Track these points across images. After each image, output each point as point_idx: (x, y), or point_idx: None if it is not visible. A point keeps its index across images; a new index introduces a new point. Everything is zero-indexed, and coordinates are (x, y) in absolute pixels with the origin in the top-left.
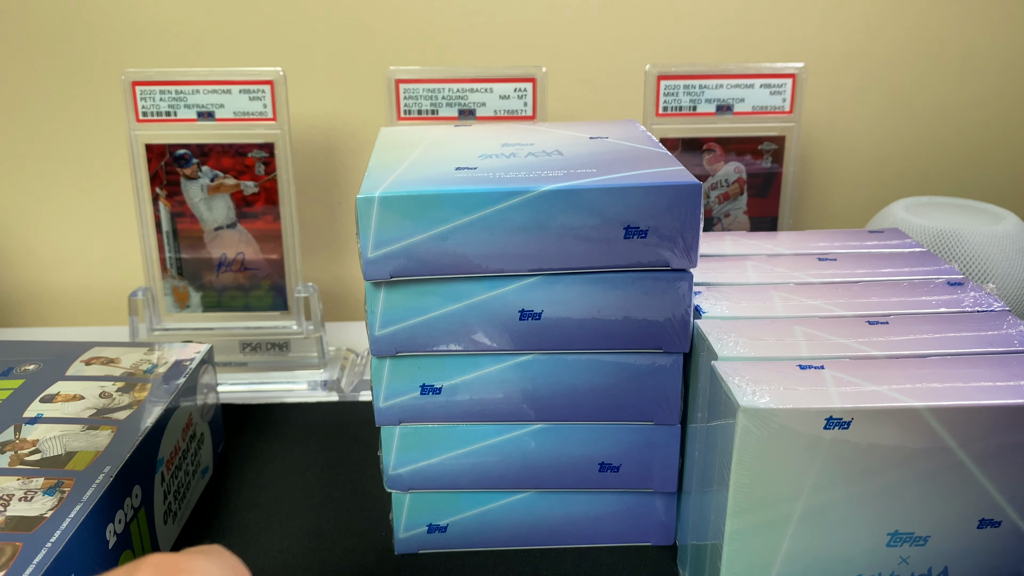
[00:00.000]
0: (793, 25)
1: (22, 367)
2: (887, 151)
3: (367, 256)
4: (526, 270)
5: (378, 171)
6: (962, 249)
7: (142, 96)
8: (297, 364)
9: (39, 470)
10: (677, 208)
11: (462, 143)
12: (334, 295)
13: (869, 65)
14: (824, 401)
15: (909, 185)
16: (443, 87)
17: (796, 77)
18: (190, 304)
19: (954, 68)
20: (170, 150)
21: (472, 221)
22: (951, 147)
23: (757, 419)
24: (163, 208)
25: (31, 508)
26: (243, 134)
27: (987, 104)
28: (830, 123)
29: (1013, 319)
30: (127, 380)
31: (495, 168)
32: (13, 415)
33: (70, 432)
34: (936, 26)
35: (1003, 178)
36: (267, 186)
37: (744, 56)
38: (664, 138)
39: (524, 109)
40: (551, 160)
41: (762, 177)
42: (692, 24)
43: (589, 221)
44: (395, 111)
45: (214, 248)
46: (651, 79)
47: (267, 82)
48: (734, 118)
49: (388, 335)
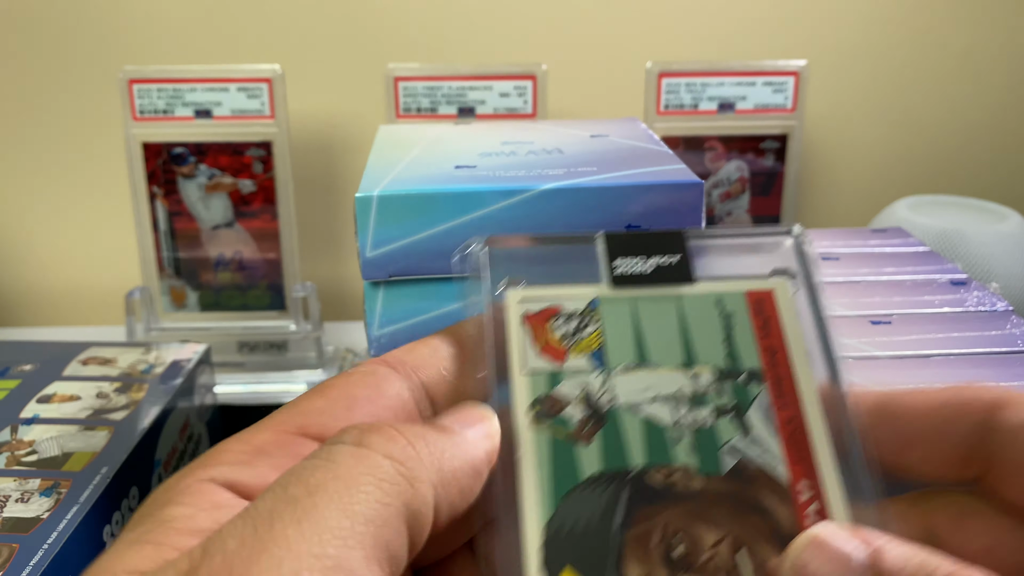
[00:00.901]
0: (795, 22)
1: (18, 367)
2: (890, 149)
3: (365, 255)
4: None
5: (376, 169)
6: (966, 248)
7: (139, 94)
8: (295, 364)
9: (36, 471)
10: (679, 207)
11: (462, 141)
12: (332, 295)
13: (872, 63)
14: None
15: (912, 184)
16: (442, 85)
17: (799, 75)
18: (187, 304)
19: (958, 65)
20: (167, 148)
21: (472, 220)
22: (955, 146)
23: None
24: (160, 207)
25: (28, 509)
26: (241, 132)
27: (991, 102)
28: (833, 121)
29: (1017, 319)
30: (124, 380)
31: (495, 166)
32: (9, 416)
33: (67, 433)
34: (940, 23)
35: (1007, 177)
36: (265, 185)
37: (746, 54)
38: (665, 136)
39: (524, 107)
40: (551, 158)
41: (764, 176)
42: (694, 21)
43: (590, 220)
44: (394, 109)
45: (211, 247)
46: (652, 77)
47: (265, 80)
48: (736, 116)
49: (387, 335)
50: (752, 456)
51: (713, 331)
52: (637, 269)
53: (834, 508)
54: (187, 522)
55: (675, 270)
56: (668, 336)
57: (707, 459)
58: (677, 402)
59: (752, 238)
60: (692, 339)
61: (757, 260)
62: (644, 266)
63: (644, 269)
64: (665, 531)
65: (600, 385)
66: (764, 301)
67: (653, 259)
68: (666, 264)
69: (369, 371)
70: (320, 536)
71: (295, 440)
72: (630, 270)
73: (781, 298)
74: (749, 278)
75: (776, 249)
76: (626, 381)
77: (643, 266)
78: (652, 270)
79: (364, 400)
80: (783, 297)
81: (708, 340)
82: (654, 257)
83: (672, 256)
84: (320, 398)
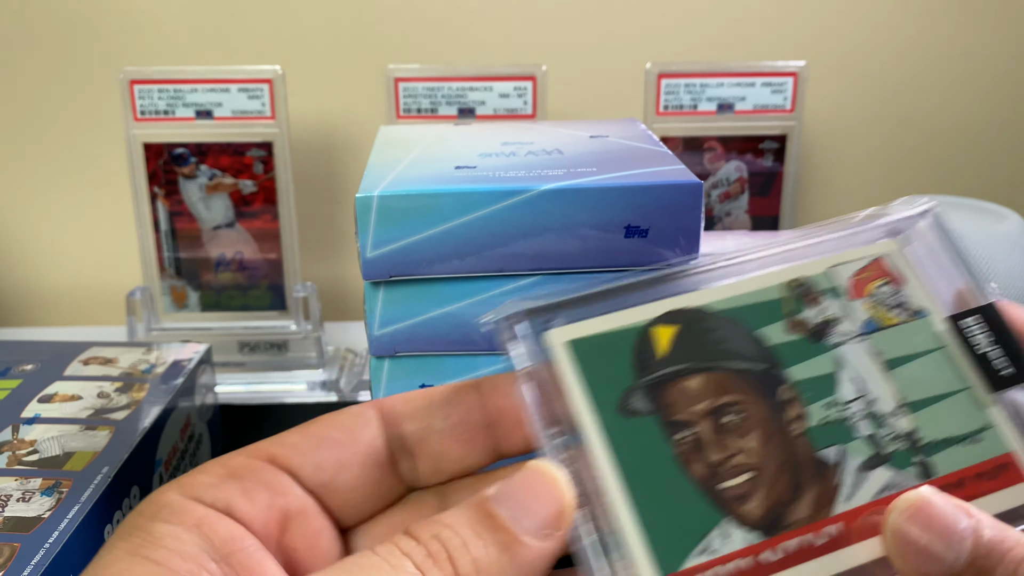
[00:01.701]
0: (795, 23)
1: (19, 367)
2: (889, 150)
3: (366, 255)
4: (526, 270)
5: (377, 170)
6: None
7: (140, 95)
8: (296, 364)
9: (37, 471)
10: (678, 207)
11: (462, 142)
12: (333, 295)
13: (871, 63)
14: None
15: (911, 184)
16: (442, 85)
17: (798, 75)
18: (188, 304)
19: (957, 66)
20: (168, 149)
21: (472, 220)
22: (955, 146)
23: None
24: (161, 207)
25: (29, 509)
26: (241, 133)
27: (990, 102)
28: (832, 122)
29: None
30: (125, 380)
31: (495, 167)
32: (11, 415)
33: (68, 432)
34: (939, 24)
35: (1005, 177)
36: (265, 185)
37: (745, 54)
38: (665, 137)
39: (524, 108)
40: (551, 159)
41: (763, 176)
42: (693, 22)
43: (589, 220)
44: (394, 109)
45: (212, 247)
46: (651, 77)
47: (266, 80)
48: (735, 117)
49: (387, 335)
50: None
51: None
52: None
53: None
54: (177, 543)
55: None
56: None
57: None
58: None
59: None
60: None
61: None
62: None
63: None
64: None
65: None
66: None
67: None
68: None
69: (356, 413)
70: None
71: (264, 467)
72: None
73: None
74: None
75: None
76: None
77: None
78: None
79: (334, 443)
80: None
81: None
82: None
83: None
84: (298, 434)
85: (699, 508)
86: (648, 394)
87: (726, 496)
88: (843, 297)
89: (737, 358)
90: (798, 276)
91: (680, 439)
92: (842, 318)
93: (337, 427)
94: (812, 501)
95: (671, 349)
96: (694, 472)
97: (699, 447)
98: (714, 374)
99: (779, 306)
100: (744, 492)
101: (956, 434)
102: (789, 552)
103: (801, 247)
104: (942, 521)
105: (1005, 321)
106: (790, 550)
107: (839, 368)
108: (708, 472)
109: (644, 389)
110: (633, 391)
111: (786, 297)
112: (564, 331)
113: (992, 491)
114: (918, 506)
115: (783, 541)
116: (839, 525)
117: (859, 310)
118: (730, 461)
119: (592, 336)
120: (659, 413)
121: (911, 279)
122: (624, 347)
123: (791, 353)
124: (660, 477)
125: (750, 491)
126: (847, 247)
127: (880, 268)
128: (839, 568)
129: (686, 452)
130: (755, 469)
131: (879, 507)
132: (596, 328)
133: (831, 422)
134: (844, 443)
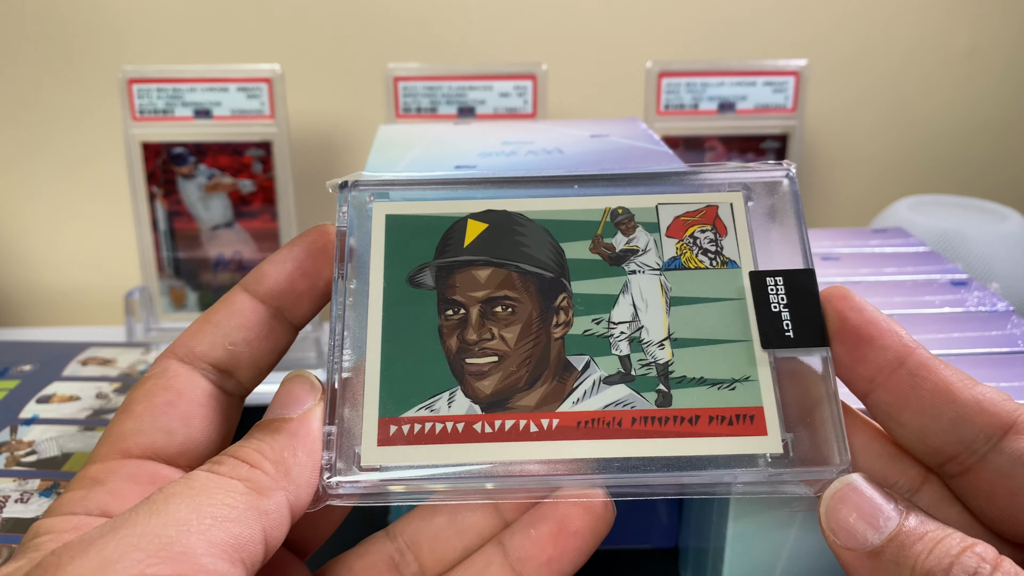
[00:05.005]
0: (796, 22)
1: (17, 367)
2: (891, 149)
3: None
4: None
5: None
6: (966, 248)
7: (139, 94)
8: (294, 364)
9: (35, 472)
10: None
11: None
12: None
13: (873, 62)
14: None
15: (913, 184)
16: (442, 84)
17: (799, 74)
18: (187, 304)
19: (959, 65)
20: (167, 148)
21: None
22: (955, 145)
23: None
24: (160, 207)
25: (27, 510)
26: (240, 132)
27: (992, 102)
28: (833, 121)
29: (1018, 319)
30: (123, 381)
31: (495, 166)
32: (9, 416)
33: (66, 433)
34: (941, 23)
35: (1008, 177)
36: (264, 185)
37: (746, 53)
38: (665, 136)
39: (524, 107)
40: (551, 158)
41: None
42: (694, 21)
43: None
44: (394, 109)
45: (211, 247)
46: (652, 77)
47: (265, 80)
48: (736, 116)
49: None
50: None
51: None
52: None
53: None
54: (51, 544)
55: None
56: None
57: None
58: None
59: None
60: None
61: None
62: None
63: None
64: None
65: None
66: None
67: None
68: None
69: (160, 373)
70: (164, 522)
71: (122, 464)
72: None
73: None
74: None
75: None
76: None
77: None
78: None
79: (166, 406)
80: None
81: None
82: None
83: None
84: (128, 419)
85: (439, 374)
86: (438, 273)
87: (467, 370)
88: (658, 232)
89: (530, 262)
90: (625, 205)
91: (449, 315)
92: (647, 251)
93: (158, 392)
94: (542, 396)
95: (476, 241)
96: (448, 344)
97: (462, 325)
98: (503, 270)
99: (594, 228)
100: (483, 371)
101: (714, 377)
102: (500, 430)
103: (663, 172)
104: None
105: (813, 292)
106: (502, 429)
107: (624, 292)
108: (459, 346)
109: (436, 268)
110: (426, 267)
111: (604, 221)
112: (388, 206)
113: (727, 435)
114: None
115: (499, 419)
116: (555, 420)
117: (670, 247)
118: (483, 344)
119: (411, 215)
120: (441, 290)
121: (736, 232)
122: (436, 231)
123: (584, 269)
124: (416, 341)
125: (489, 372)
126: (692, 191)
127: (710, 215)
128: (539, 456)
129: (450, 326)
130: (501, 355)
131: (600, 416)
132: (417, 210)
133: (593, 335)
134: (596, 356)
